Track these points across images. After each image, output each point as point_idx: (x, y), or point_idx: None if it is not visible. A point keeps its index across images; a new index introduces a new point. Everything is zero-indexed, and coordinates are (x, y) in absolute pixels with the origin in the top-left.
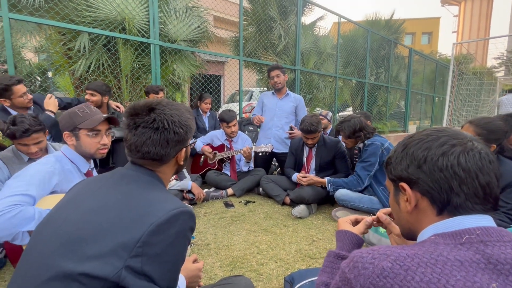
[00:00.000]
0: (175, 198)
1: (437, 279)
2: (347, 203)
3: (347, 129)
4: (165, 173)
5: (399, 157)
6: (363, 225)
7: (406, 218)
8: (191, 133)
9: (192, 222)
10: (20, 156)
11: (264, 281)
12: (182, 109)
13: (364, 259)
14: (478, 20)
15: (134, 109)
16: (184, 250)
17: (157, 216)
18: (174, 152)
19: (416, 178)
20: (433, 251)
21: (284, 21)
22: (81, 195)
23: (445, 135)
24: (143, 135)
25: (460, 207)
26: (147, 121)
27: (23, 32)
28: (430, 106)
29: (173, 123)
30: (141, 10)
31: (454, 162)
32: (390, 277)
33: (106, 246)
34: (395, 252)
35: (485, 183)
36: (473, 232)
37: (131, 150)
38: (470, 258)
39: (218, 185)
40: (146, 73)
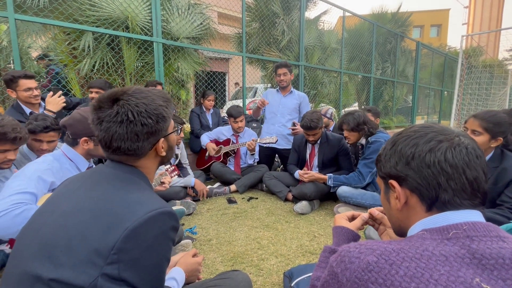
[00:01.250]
0: (154, 197)
1: (420, 274)
2: (349, 199)
3: (351, 122)
4: (146, 167)
5: (388, 155)
6: (359, 220)
7: (396, 215)
8: (165, 122)
9: (173, 222)
10: (28, 156)
11: (264, 276)
12: (151, 97)
13: (351, 253)
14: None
15: (98, 102)
16: (167, 250)
17: (131, 220)
18: (148, 144)
19: (405, 175)
20: (419, 246)
21: (287, 16)
22: (60, 196)
23: (432, 131)
24: (109, 130)
25: (449, 202)
26: (109, 114)
27: (29, 33)
28: (439, 101)
29: (139, 113)
30: (144, 8)
31: (441, 158)
32: (375, 271)
33: (80, 253)
34: (381, 247)
35: (472, 178)
36: (460, 227)
37: (103, 147)
38: (455, 253)
39: (223, 177)
40: (150, 71)
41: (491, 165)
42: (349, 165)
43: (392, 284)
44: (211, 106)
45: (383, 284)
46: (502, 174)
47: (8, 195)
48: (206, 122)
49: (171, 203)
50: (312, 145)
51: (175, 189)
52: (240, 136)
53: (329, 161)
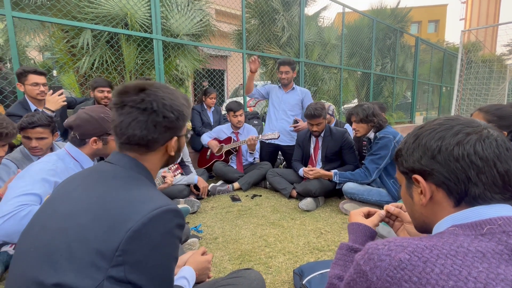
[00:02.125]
0: (157, 195)
1: (458, 271)
2: (355, 196)
3: (360, 112)
4: (153, 162)
5: (411, 149)
6: (377, 217)
7: (421, 211)
8: (183, 121)
9: (179, 219)
10: (29, 156)
11: (273, 274)
12: (177, 94)
13: (380, 251)
14: (487, 6)
15: (124, 88)
16: (174, 249)
17: (134, 220)
18: (162, 139)
19: (431, 170)
20: (453, 242)
21: (287, 12)
22: (58, 198)
23: (459, 124)
24: (129, 116)
25: (479, 197)
26: (135, 100)
27: (27, 31)
28: (437, 96)
29: (164, 105)
30: (143, 5)
31: (471, 150)
32: (408, 269)
33: (81, 257)
34: (412, 244)
35: (503, 171)
36: (495, 222)
37: (116, 133)
38: (492, 249)
39: (225, 176)
40: (149, 68)
41: None
42: (354, 158)
43: (428, 282)
44: (213, 104)
45: (418, 282)
46: None
47: (13, 197)
48: (207, 120)
49: (175, 201)
50: (316, 138)
51: (178, 187)
52: (240, 133)
53: (332, 155)
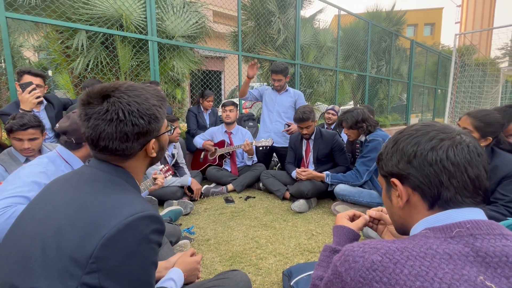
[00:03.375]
0: (136, 200)
1: (425, 272)
2: (346, 197)
3: (349, 119)
4: (134, 167)
5: (390, 153)
6: (361, 221)
7: (399, 213)
8: (158, 122)
9: (156, 225)
10: (16, 158)
11: (263, 275)
12: (145, 95)
13: (355, 252)
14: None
15: (87, 97)
16: (152, 255)
17: (109, 227)
18: (138, 145)
19: (407, 174)
20: (423, 245)
21: (283, 14)
22: (40, 201)
23: (434, 130)
24: (97, 128)
25: (450, 200)
26: (98, 111)
27: (20, 31)
28: (433, 99)
29: (131, 113)
30: (138, 6)
31: (443, 156)
32: (379, 270)
33: (54, 263)
34: (385, 246)
35: (474, 176)
36: (464, 225)
37: (90, 144)
38: (459, 251)
39: (219, 181)
40: (145, 70)
41: None
42: (345, 160)
43: (397, 283)
44: (210, 107)
45: (387, 283)
46: (493, 171)
47: (1, 199)
48: (203, 122)
49: (168, 203)
50: (307, 141)
51: (172, 189)
52: (233, 133)
53: (323, 157)
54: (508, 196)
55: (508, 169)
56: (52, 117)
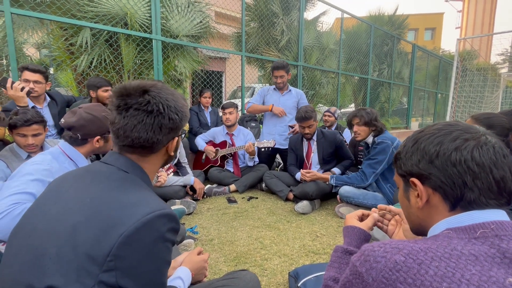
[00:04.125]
0: (152, 198)
1: (451, 273)
2: (350, 199)
3: (365, 116)
4: (153, 163)
5: (410, 152)
6: (371, 220)
7: (417, 213)
8: (185, 121)
9: (173, 223)
10: (18, 154)
11: (268, 276)
12: (177, 95)
13: (376, 252)
14: (482, 16)
15: (125, 89)
16: (167, 254)
17: (127, 225)
18: (166, 140)
19: (428, 173)
20: (447, 245)
21: (286, 16)
22: (50, 198)
23: (458, 129)
24: (135, 118)
25: (474, 202)
26: (140, 102)
27: (25, 27)
28: (433, 103)
29: (169, 107)
30: (143, 5)
31: (468, 156)
32: (403, 271)
33: (71, 261)
34: (407, 246)
35: (499, 178)
36: (488, 226)
37: (118, 136)
38: (485, 253)
39: (221, 182)
40: (148, 68)
41: None
42: (349, 153)
43: (422, 284)
44: (208, 103)
45: (412, 284)
46: None
47: (6, 196)
48: (204, 121)
49: (171, 202)
50: (308, 141)
51: (174, 188)
52: (234, 134)
53: (328, 156)
54: None
55: None
56: (55, 114)
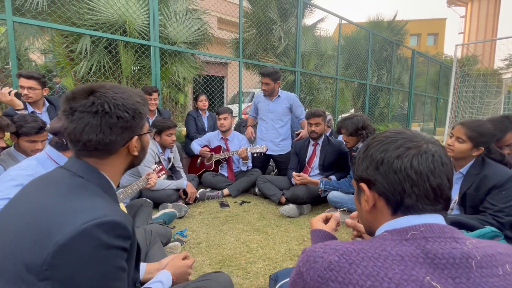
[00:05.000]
0: (98, 205)
1: (376, 272)
2: (339, 204)
3: (350, 126)
4: (114, 166)
5: (361, 158)
6: (333, 221)
7: (366, 216)
8: (140, 119)
9: (119, 230)
10: (15, 158)
11: (250, 279)
12: (130, 93)
13: (316, 253)
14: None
15: (72, 93)
16: (115, 260)
17: (63, 233)
18: (122, 140)
19: (374, 179)
20: (379, 246)
21: (284, 23)
22: (11, 205)
23: (403, 138)
24: (81, 121)
25: (411, 207)
26: (84, 104)
27: (26, 35)
28: (435, 108)
29: (116, 106)
30: (142, 13)
31: (408, 164)
32: (336, 270)
33: (9, 269)
34: (343, 247)
35: (435, 185)
36: (418, 228)
37: (71, 141)
38: (410, 253)
39: (214, 187)
40: (146, 74)
41: (473, 172)
42: (347, 167)
43: (350, 282)
44: (204, 106)
45: (342, 282)
46: (483, 181)
47: None
48: (202, 125)
49: (163, 205)
50: (314, 146)
51: (167, 192)
52: (229, 139)
53: (329, 164)
54: (497, 206)
55: (497, 179)
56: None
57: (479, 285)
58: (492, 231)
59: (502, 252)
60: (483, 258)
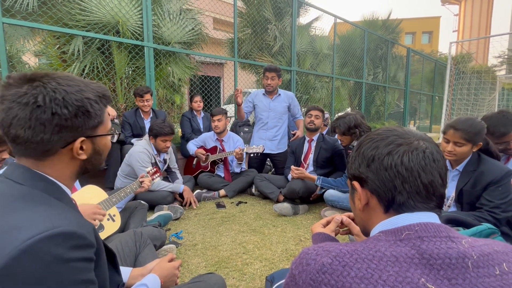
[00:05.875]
0: (45, 215)
1: (370, 275)
2: (335, 203)
3: (342, 126)
4: (57, 169)
5: (354, 156)
6: (333, 224)
7: (360, 215)
8: (87, 118)
9: (74, 241)
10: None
11: (247, 281)
12: (80, 86)
13: (309, 255)
14: (479, 19)
15: (8, 79)
16: (78, 273)
17: (2, 254)
18: (60, 140)
19: (366, 177)
20: (373, 247)
21: (279, 22)
22: None
23: (394, 135)
24: (9, 112)
25: (403, 205)
26: (15, 93)
27: (17, 37)
28: (430, 105)
29: (53, 99)
30: (135, 13)
31: (398, 161)
32: (328, 273)
33: None
34: (337, 249)
35: (427, 182)
36: (412, 228)
37: (3, 134)
38: (405, 254)
39: (210, 188)
40: (140, 75)
41: (469, 169)
42: (343, 165)
43: (343, 285)
44: (199, 107)
45: (335, 285)
46: (479, 177)
47: None
48: (197, 126)
49: (158, 207)
50: (309, 141)
51: (162, 193)
52: (224, 140)
53: (323, 161)
54: (493, 202)
55: (493, 176)
56: None
57: (475, 285)
58: (489, 228)
59: (498, 251)
60: (480, 258)
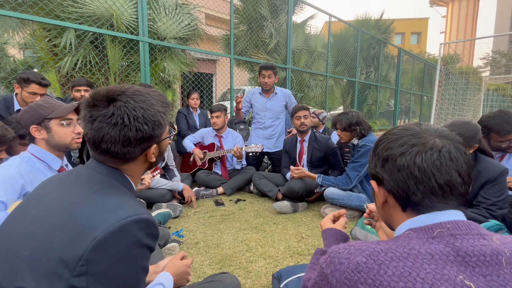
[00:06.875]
0: (131, 203)
1: (408, 273)
2: (335, 201)
3: (344, 121)
4: (133, 170)
5: (371, 156)
6: (343, 219)
7: (381, 212)
8: (160, 129)
9: (151, 229)
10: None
11: (252, 278)
12: (151, 101)
13: (341, 254)
14: (465, 21)
15: (92, 99)
16: (143, 260)
17: (101, 229)
18: (139, 150)
19: (381, 177)
20: (406, 245)
21: (275, 19)
22: (31, 201)
23: (409, 134)
24: (101, 131)
25: (420, 204)
26: (104, 114)
27: (5, 28)
28: (419, 105)
29: (136, 118)
30: (130, 6)
31: (411, 162)
32: (364, 272)
33: (43, 264)
34: (370, 247)
35: (443, 182)
36: (444, 226)
37: (90, 146)
38: (440, 251)
39: (208, 185)
40: (135, 70)
41: None
42: (339, 163)
43: (381, 284)
44: (196, 105)
45: (372, 284)
46: (476, 176)
47: None
48: (193, 123)
49: (157, 205)
50: (301, 142)
51: (161, 191)
52: (223, 137)
53: (317, 160)
54: (490, 200)
55: (490, 174)
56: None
57: (510, 281)
58: (497, 224)
59: None
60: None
